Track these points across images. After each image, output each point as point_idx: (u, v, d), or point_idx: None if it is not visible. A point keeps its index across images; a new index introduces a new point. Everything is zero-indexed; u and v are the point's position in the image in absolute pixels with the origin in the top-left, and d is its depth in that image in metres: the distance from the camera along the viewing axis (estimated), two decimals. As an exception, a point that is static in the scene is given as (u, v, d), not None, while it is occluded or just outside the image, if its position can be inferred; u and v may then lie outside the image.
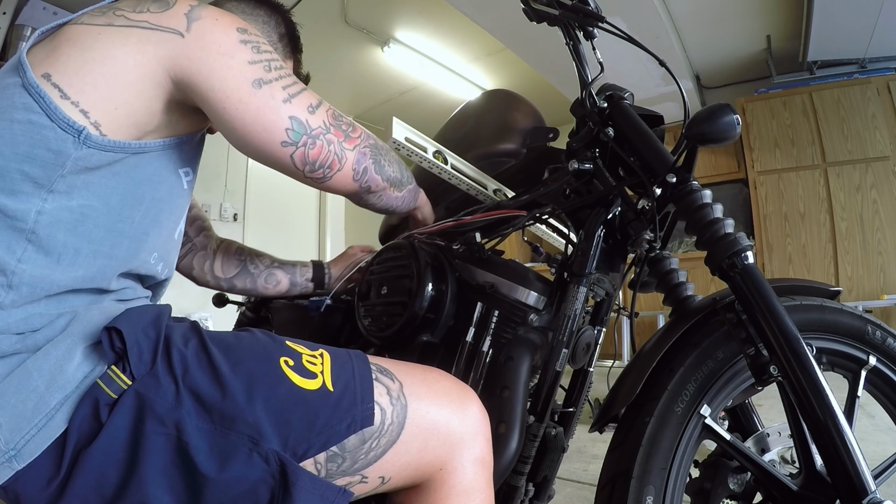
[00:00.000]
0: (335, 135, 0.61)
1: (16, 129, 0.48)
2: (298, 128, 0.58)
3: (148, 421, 0.43)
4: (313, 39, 3.46)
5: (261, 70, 0.56)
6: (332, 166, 0.62)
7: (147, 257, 0.59)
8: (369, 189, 0.70)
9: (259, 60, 0.56)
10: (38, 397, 0.43)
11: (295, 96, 0.58)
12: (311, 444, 0.48)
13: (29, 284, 0.47)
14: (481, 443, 0.57)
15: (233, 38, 0.55)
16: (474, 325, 0.76)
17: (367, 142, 0.67)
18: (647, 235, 0.71)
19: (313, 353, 0.53)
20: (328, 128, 0.61)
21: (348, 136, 0.63)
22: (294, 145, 0.58)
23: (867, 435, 1.69)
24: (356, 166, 0.64)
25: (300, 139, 0.58)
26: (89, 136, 0.49)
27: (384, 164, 0.70)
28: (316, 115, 0.60)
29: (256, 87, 0.55)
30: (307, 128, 0.59)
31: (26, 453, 0.42)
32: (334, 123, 0.62)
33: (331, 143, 0.61)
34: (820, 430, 0.59)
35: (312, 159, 0.60)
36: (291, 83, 0.59)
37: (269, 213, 4.42)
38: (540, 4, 0.78)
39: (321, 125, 0.60)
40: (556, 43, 1.02)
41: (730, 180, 3.98)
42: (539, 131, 1.00)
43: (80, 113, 0.49)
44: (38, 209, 0.48)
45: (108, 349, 0.45)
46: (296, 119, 0.58)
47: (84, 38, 0.51)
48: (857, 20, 3.06)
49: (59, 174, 0.48)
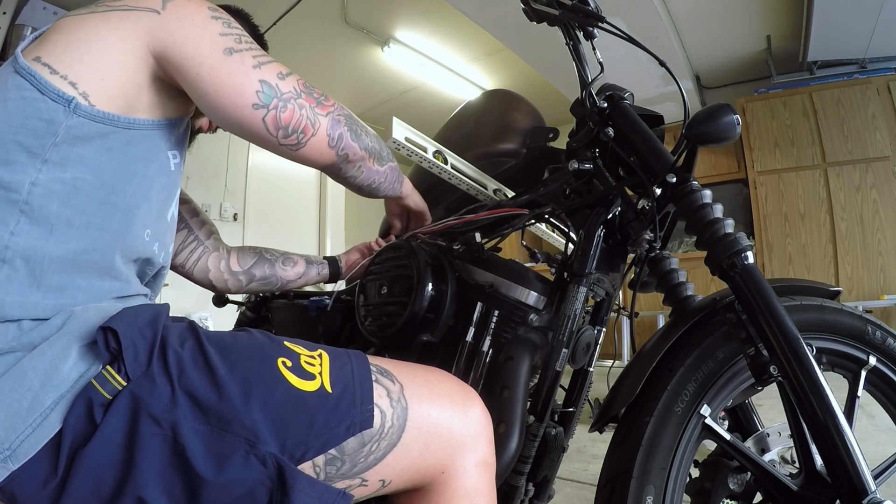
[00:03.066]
0: (307, 100, 0.62)
1: (10, 105, 0.50)
2: (268, 90, 0.59)
3: (143, 422, 0.43)
4: (313, 39, 3.46)
5: (231, 41, 0.59)
6: (305, 131, 0.63)
7: (140, 232, 0.59)
8: (347, 157, 0.70)
9: (230, 33, 0.59)
10: (32, 396, 0.43)
11: (265, 64, 0.60)
12: (309, 446, 0.47)
13: (23, 258, 0.48)
14: (484, 445, 0.57)
15: (205, 14, 0.59)
16: (474, 324, 0.76)
17: (342, 111, 0.68)
18: (647, 235, 0.71)
19: (312, 353, 0.53)
20: (299, 93, 0.62)
21: (320, 104, 0.64)
22: (265, 107, 0.59)
23: (867, 435, 1.69)
24: (331, 132, 0.65)
25: (271, 101, 0.59)
26: (79, 105, 0.51)
27: (360, 133, 0.71)
28: (286, 80, 0.61)
29: (227, 55, 0.58)
30: (277, 91, 0.60)
31: (21, 453, 0.42)
32: (305, 91, 0.63)
33: (302, 107, 0.62)
34: (820, 430, 0.59)
35: (285, 123, 0.61)
36: (261, 54, 0.61)
37: (269, 213, 4.42)
38: (540, 4, 0.78)
39: (291, 90, 0.61)
40: (556, 43, 1.02)
41: (730, 180, 3.99)
42: (539, 131, 1.00)
43: (69, 85, 0.51)
44: (32, 180, 0.49)
45: (104, 349, 0.45)
46: (266, 83, 0.59)
47: (69, 25, 0.55)
48: (857, 20, 3.06)
49: (52, 142, 0.50)
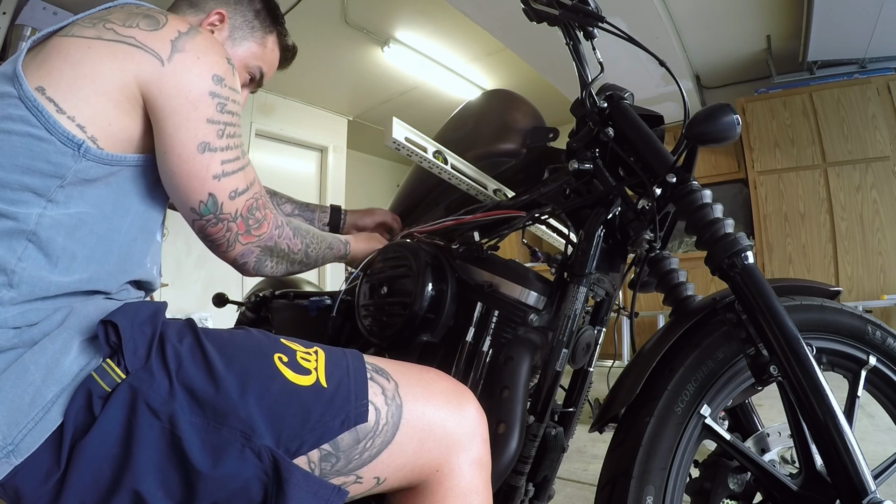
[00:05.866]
0: (238, 225, 0.62)
1: (14, 140, 0.49)
2: (211, 206, 0.59)
3: (141, 414, 0.44)
4: (313, 39, 3.46)
5: (213, 134, 0.58)
6: (220, 247, 0.64)
7: (142, 260, 0.61)
8: (258, 272, 0.71)
9: (218, 122, 0.58)
10: (34, 391, 0.43)
11: (227, 176, 0.59)
12: (304, 440, 0.48)
13: (28, 283, 0.48)
14: (479, 444, 0.57)
15: (205, 86, 0.57)
16: (474, 325, 0.76)
17: (266, 243, 0.67)
18: (647, 235, 0.71)
19: (308, 350, 0.54)
20: (236, 217, 0.62)
21: (249, 232, 0.64)
22: (199, 217, 0.60)
23: (867, 435, 1.69)
24: (238, 258, 0.66)
25: (207, 215, 0.60)
26: (88, 149, 0.51)
27: (268, 263, 0.70)
28: (235, 201, 0.61)
29: (199, 152, 0.57)
30: (218, 209, 0.60)
31: (24, 448, 0.42)
32: (245, 215, 0.63)
33: (230, 230, 0.62)
34: (820, 430, 0.59)
35: (209, 234, 0.62)
36: (232, 159, 0.60)
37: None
38: (540, 4, 0.78)
39: (231, 213, 0.61)
40: (556, 43, 1.02)
41: (730, 180, 3.99)
42: (539, 131, 1.00)
43: (78, 128, 0.51)
44: (39, 213, 0.49)
45: (104, 343, 0.46)
46: (213, 197, 0.59)
47: (74, 52, 0.53)
48: (857, 20, 3.06)
49: (59, 185, 0.50)
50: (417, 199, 1.10)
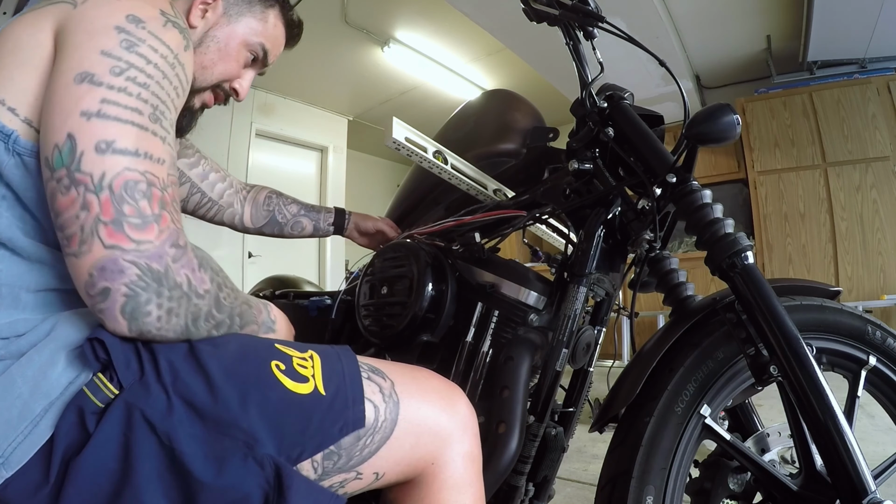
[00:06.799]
0: (103, 204, 0.42)
1: None
2: (66, 154, 0.42)
3: (139, 430, 0.43)
4: (313, 39, 3.47)
5: (103, 67, 0.45)
6: (70, 241, 0.43)
7: None
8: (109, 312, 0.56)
9: (116, 57, 0.45)
10: (22, 404, 0.43)
11: (102, 118, 0.43)
12: (304, 447, 0.48)
13: (7, 285, 0.47)
14: (470, 438, 0.58)
15: (112, 20, 0.47)
16: (474, 325, 0.76)
17: (151, 260, 0.44)
18: (647, 235, 0.71)
19: (303, 355, 0.53)
20: (101, 187, 0.42)
21: (119, 226, 0.43)
22: (51, 174, 0.43)
23: (867, 435, 1.69)
24: (94, 271, 0.43)
25: (59, 170, 0.42)
26: (18, 140, 0.46)
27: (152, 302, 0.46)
28: (102, 158, 0.42)
29: (76, 82, 0.44)
30: (74, 161, 0.42)
31: (14, 461, 0.42)
32: (118, 193, 0.42)
33: (87, 208, 0.42)
34: (820, 430, 0.59)
35: (58, 208, 0.43)
36: (125, 105, 0.45)
37: (269, 213, 4.42)
38: (540, 4, 0.78)
39: (94, 176, 0.42)
40: (556, 43, 1.02)
41: (730, 180, 3.99)
42: (539, 131, 1.00)
43: (9, 111, 0.46)
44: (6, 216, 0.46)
45: (92, 359, 0.45)
46: (72, 142, 0.42)
47: (7, 34, 0.49)
48: (857, 20, 3.06)
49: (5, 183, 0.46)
50: (417, 199, 1.10)
